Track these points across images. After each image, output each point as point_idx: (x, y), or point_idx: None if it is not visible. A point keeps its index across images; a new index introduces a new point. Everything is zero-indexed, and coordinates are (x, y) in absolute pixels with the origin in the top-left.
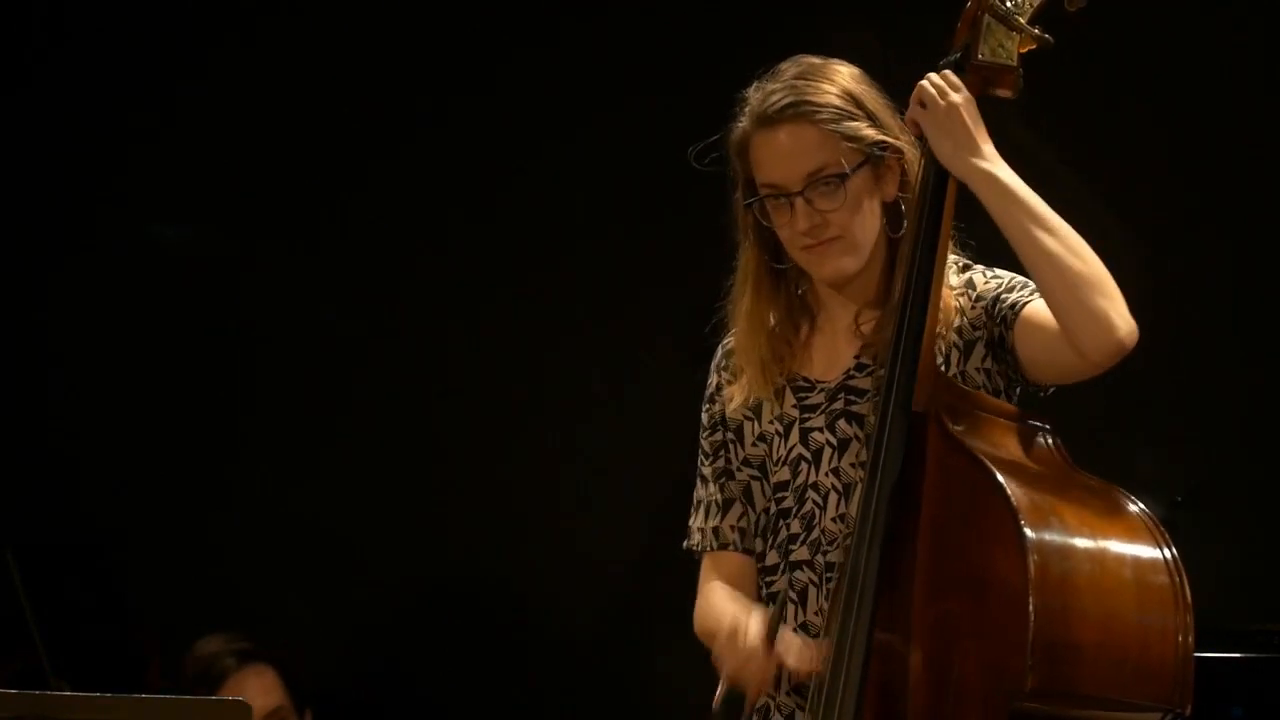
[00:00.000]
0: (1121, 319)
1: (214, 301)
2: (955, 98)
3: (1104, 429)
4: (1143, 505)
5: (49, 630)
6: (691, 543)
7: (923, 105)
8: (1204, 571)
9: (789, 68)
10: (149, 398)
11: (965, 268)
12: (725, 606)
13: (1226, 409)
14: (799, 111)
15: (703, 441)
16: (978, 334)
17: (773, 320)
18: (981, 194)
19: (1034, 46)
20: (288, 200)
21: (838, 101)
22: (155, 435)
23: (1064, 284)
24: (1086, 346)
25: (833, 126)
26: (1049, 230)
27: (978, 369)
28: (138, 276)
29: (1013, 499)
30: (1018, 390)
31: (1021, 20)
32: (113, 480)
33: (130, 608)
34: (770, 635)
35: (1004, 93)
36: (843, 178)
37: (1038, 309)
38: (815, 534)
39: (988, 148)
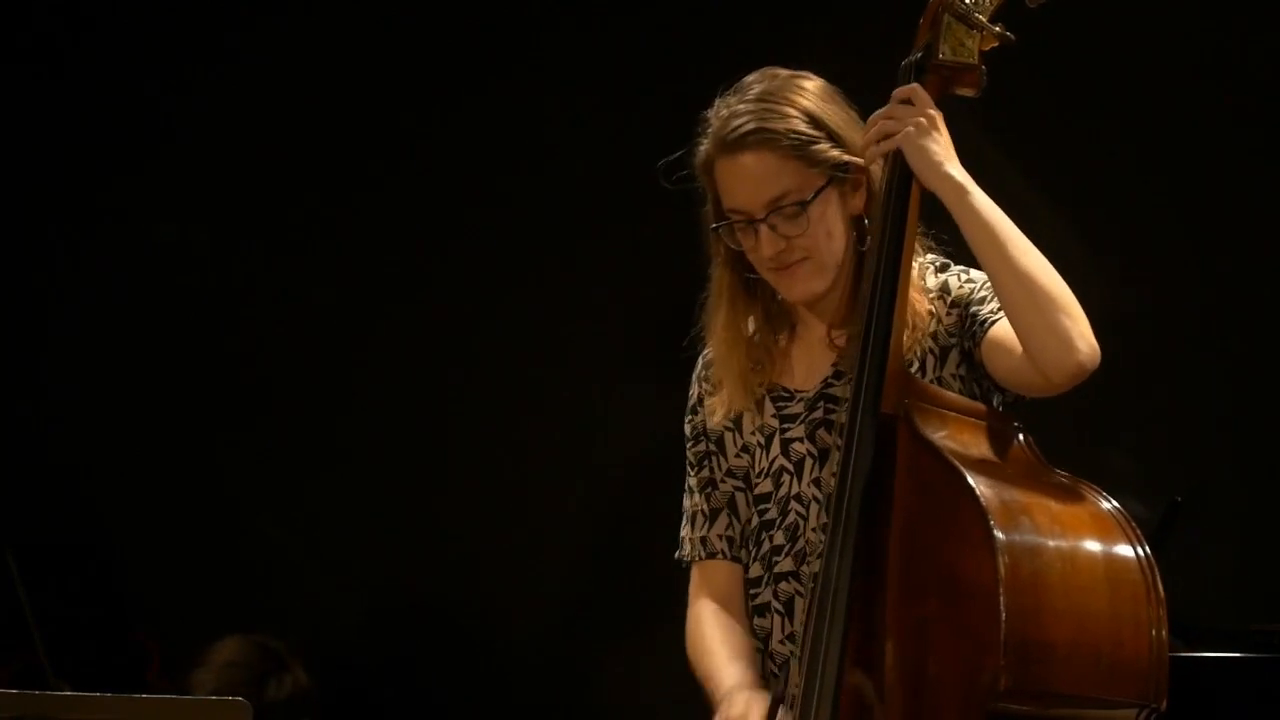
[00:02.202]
0: (1083, 340)
1: (214, 302)
2: (933, 111)
3: (1103, 429)
4: (1115, 502)
5: (49, 630)
6: (682, 553)
7: (894, 117)
8: (1204, 571)
9: (754, 83)
10: (149, 398)
11: (943, 268)
12: (721, 657)
13: (1225, 409)
14: (761, 139)
15: (688, 453)
16: (953, 340)
17: (751, 328)
18: (953, 207)
19: (996, 44)
20: (290, 202)
21: (800, 125)
22: (155, 435)
23: (1029, 303)
24: (1047, 366)
25: (795, 153)
26: (1017, 249)
27: (953, 375)
28: (138, 276)
29: (982, 500)
30: (1005, 397)
31: (982, 18)
32: (113, 480)
33: (130, 608)
34: None
35: (966, 91)
36: (804, 204)
37: (1003, 328)
38: (800, 545)
39: (955, 159)
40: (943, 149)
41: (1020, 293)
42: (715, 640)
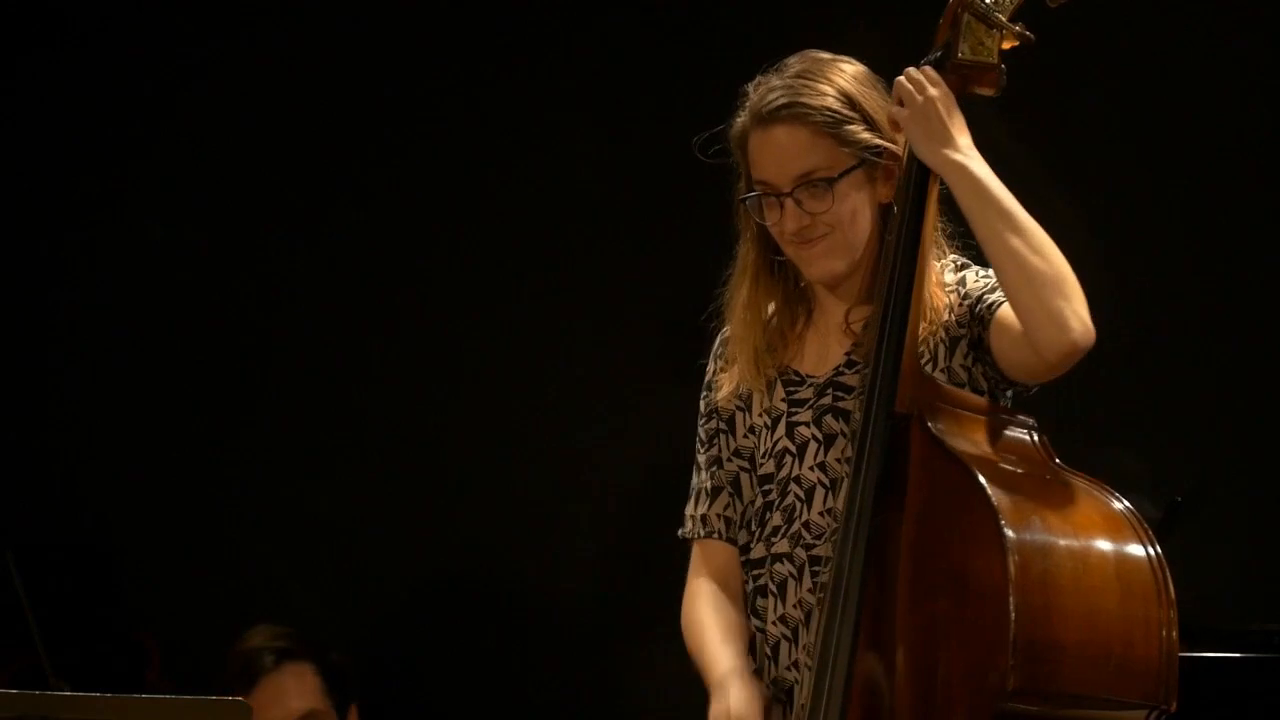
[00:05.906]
0: (1077, 319)
1: (214, 301)
2: (932, 92)
3: (1102, 429)
4: (1127, 502)
5: (49, 630)
6: (685, 530)
7: (900, 102)
8: (1204, 571)
9: (794, 63)
10: (149, 397)
11: (962, 266)
12: (714, 637)
13: (1226, 408)
14: (793, 113)
15: (699, 428)
16: (962, 331)
17: (770, 310)
18: (954, 187)
19: (1016, 44)
20: (290, 200)
21: (833, 104)
22: (156, 435)
23: (1024, 281)
24: (1041, 345)
25: (827, 130)
26: (1015, 228)
27: (961, 365)
28: (138, 277)
29: (993, 499)
30: (1008, 391)
31: (1002, 18)
32: (113, 480)
33: (130, 608)
34: None
35: (986, 91)
36: (830, 182)
37: (1008, 310)
38: (795, 527)
39: (964, 140)
40: (944, 128)
41: (1015, 271)
42: (709, 618)
